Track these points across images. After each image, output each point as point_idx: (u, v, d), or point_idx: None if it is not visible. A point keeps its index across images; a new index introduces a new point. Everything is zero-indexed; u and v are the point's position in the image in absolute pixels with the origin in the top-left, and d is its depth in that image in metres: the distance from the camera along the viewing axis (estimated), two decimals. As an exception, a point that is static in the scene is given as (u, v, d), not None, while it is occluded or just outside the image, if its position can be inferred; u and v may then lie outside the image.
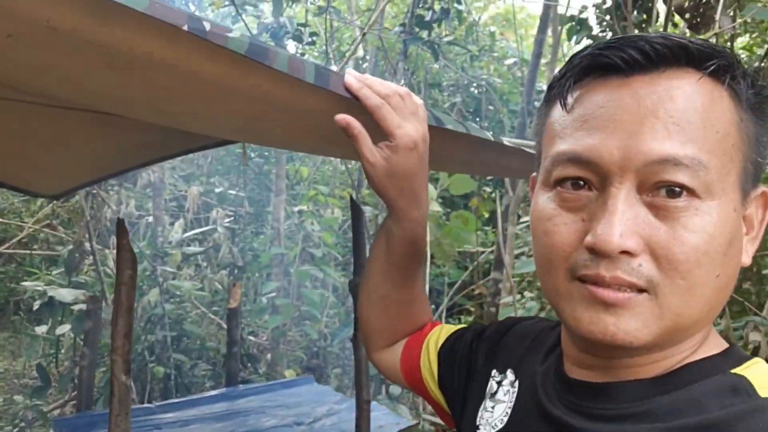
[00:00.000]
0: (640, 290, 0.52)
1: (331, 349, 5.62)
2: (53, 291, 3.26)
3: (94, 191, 4.27)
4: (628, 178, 0.52)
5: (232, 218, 5.22)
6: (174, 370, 4.27)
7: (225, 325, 5.14)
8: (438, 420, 4.06)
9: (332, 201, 5.52)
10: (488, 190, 5.58)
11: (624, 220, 0.51)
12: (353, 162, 5.56)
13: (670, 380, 0.55)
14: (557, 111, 0.58)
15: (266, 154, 5.24)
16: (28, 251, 5.39)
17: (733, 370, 0.54)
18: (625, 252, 0.51)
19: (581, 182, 0.55)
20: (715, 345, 0.58)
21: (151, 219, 4.85)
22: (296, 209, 5.05)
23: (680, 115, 0.51)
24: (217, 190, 4.93)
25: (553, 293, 0.57)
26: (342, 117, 0.75)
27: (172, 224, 5.50)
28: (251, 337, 5.45)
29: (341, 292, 6.05)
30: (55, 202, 5.37)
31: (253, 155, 5.27)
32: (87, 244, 3.91)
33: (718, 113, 0.52)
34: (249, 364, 5.17)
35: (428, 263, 4.54)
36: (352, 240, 1.91)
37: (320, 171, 6.57)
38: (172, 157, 2.62)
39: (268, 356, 5.10)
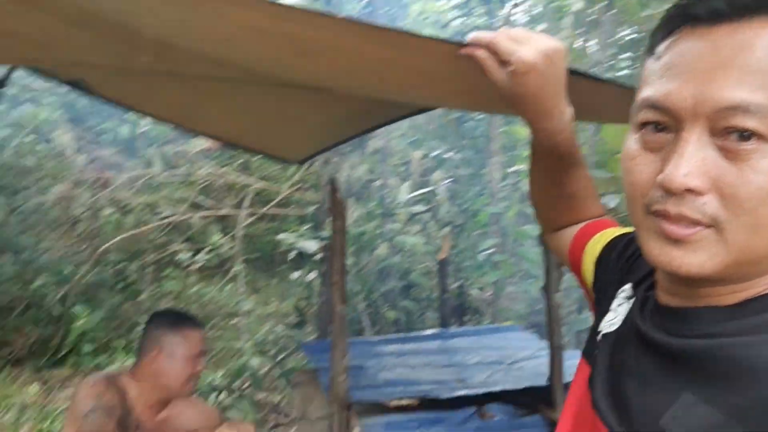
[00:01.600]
0: (707, 226, 0.55)
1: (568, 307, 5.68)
2: (300, 243, 3.88)
3: (335, 159, 4.89)
4: (699, 123, 0.55)
5: (452, 179, 5.53)
6: (404, 315, 4.76)
7: (443, 279, 5.54)
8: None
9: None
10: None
11: (691, 161, 0.55)
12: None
13: (745, 308, 0.59)
14: (650, 59, 0.62)
15: (479, 117, 5.41)
16: (285, 211, 6.34)
17: None
18: (690, 191, 0.55)
19: (661, 126, 0.59)
20: None
21: (379, 182, 5.36)
22: (511, 170, 5.16)
23: (755, 64, 0.53)
24: (432, 154, 5.26)
25: (634, 225, 0.63)
26: (464, 49, 0.84)
27: (399, 187, 6.01)
28: (474, 291, 5.77)
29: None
30: (303, 168, 6.23)
31: (466, 119, 5.48)
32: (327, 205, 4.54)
33: None
34: (474, 317, 5.52)
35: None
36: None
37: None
38: (389, 123, 2.94)
39: (491, 310, 5.37)
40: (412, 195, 5.48)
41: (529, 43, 0.81)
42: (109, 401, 1.73)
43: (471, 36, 0.85)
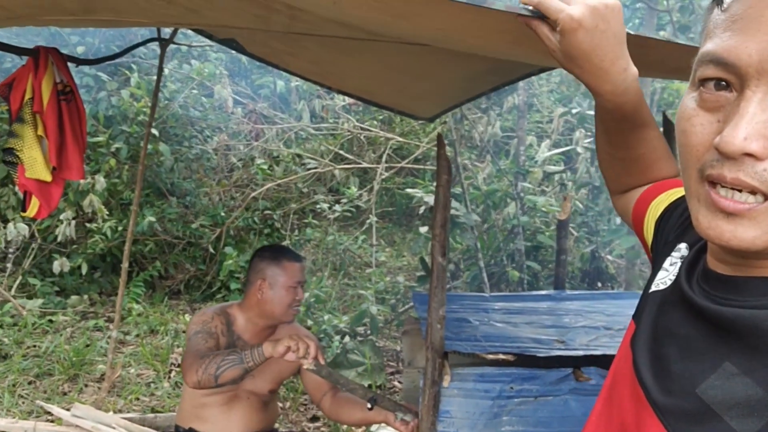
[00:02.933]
0: (764, 197, 0.52)
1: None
2: (429, 197, 3.97)
3: (467, 115, 4.88)
4: (764, 82, 0.51)
5: (592, 139, 5.26)
6: (529, 276, 4.71)
7: (584, 243, 5.35)
8: None
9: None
10: None
11: (753, 123, 0.51)
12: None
13: None
14: (715, 11, 0.58)
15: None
16: (422, 167, 6.44)
17: None
18: (750, 155, 0.51)
19: (723, 83, 0.54)
20: None
21: (516, 140, 5.26)
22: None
23: None
24: (574, 111, 5.02)
25: (687, 192, 0.60)
26: (521, 18, 0.84)
27: (539, 144, 5.85)
28: (609, 257, 5.52)
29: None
30: (442, 125, 6.26)
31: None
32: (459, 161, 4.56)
33: None
34: (608, 283, 5.30)
35: None
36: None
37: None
38: (515, 81, 2.90)
39: (623, 277, 5.12)
40: (550, 153, 5.32)
41: (577, 1, 0.78)
42: (211, 327, 2.00)
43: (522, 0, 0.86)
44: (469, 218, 4.10)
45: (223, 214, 6.03)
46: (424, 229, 4.79)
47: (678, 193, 0.88)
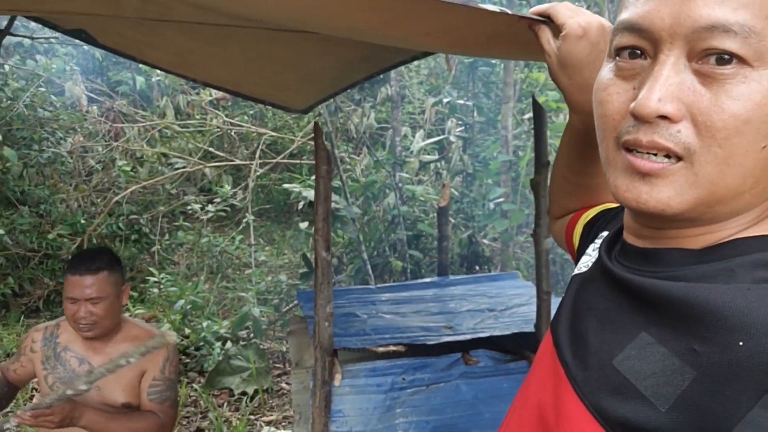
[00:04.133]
0: (678, 158, 0.52)
1: (566, 257, 5.64)
2: (307, 192, 3.87)
3: (342, 107, 4.82)
4: (677, 45, 0.52)
5: (463, 127, 5.42)
6: (412, 265, 4.75)
7: (461, 229, 5.51)
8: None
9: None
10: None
11: (667, 85, 0.51)
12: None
13: (712, 252, 0.56)
14: None
15: (494, 62, 5.26)
16: (298, 161, 6.31)
17: None
18: (665, 118, 0.52)
19: (638, 51, 0.55)
20: None
21: (391, 131, 5.29)
22: (525, 116, 5.03)
23: None
24: (445, 100, 5.14)
25: (604, 162, 0.60)
26: (526, 21, 0.86)
27: (413, 135, 5.93)
28: (485, 241, 5.73)
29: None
30: (316, 117, 6.16)
31: (480, 64, 5.33)
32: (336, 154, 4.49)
33: None
34: (485, 266, 5.49)
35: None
36: (534, 139, 1.96)
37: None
38: (388, 69, 2.87)
39: (498, 259, 5.33)
40: (424, 143, 5.40)
41: (583, 14, 0.81)
42: (22, 345, 1.96)
43: (533, 9, 0.86)
44: (350, 210, 4.05)
45: (83, 221, 5.54)
46: (304, 225, 4.68)
47: (611, 205, 0.90)
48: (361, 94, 4.87)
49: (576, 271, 0.75)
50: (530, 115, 5.21)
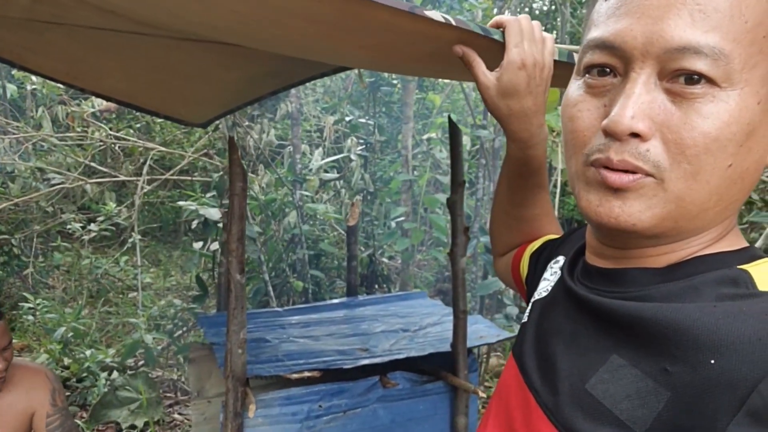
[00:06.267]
0: (647, 174, 0.53)
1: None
2: (203, 210, 3.67)
3: (242, 123, 4.65)
4: (648, 64, 0.53)
5: (364, 146, 5.43)
6: (313, 285, 4.65)
7: (361, 249, 5.48)
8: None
9: (462, 129, 5.52)
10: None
11: (639, 103, 0.52)
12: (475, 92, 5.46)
13: (676, 270, 0.57)
14: (599, 2, 0.59)
15: (394, 82, 5.33)
16: (189, 178, 6.02)
17: (740, 266, 0.55)
18: (636, 135, 0.52)
19: (607, 69, 0.56)
20: (732, 243, 0.58)
21: (291, 147, 5.19)
22: (425, 137, 5.12)
23: (708, 3, 0.51)
24: (347, 119, 5.12)
25: (572, 178, 0.60)
26: (459, 47, 0.86)
27: (312, 153, 5.85)
28: (384, 260, 5.74)
29: (469, 218, 6.12)
30: (209, 133, 5.92)
31: (382, 84, 5.38)
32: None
33: (751, 2, 0.51)
34: (384, 285, 5.49)
35: (558, 192, 4.45)
36: (450, 158, 1.97)
37: (451, 99, 6.54)
38: (297, 84, 2.80)
39: (398, 278, 5.36)
40: (324, 162, 5.35)
41: (534, 43, 0.82)
42: None
43: (492, 21, 0.87)
44: (251, 230, 3.90)
45: (-58, 241, 4.94)
46: (198, 245, 4.44)
47: (554, 236, 0.92)
48: (259, 110, 4.74)
49: (536, 297, 0.74)
50: (429, 135, 5.32)
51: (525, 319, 0.74)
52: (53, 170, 5.70)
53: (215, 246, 4.35)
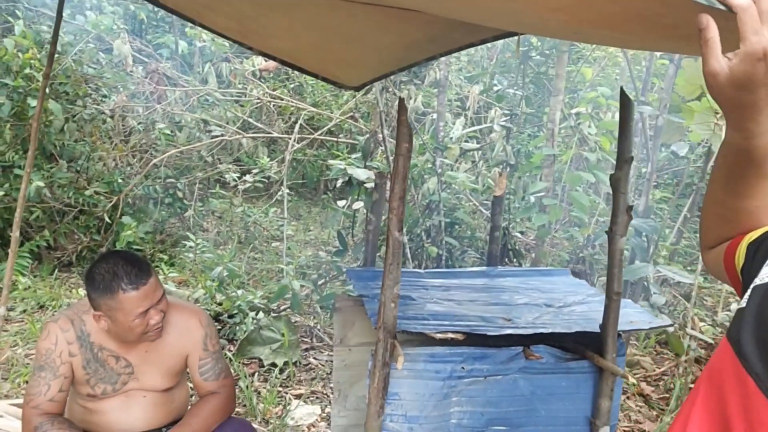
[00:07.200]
0: None
1: (598, 257, 5.58)
2: (351, 170, 3.83)
3: (390, 89, 4.76)
4: None
5: (509, 117, 5.34)
6: (446, 252, 4.72)
7: (495, 217, 5.46)
8: (703, 337, 3.84)
9: (614, 104, 5.25)
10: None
11: None
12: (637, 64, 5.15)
13: None
14: None
15: (547, 52, 5.16)
16: (335, 139, 6.28)
17: None
18: None
19: None
20: None
21: (435, 115, 5.22)
22: (573, 111, 4.94)
23: None
24: (495, 89, 5.05)
25: None
26: (705, 17, 0.76)
27: (453, 122, 5.86)
28: (518, 234, 5.67)
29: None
30: (356, 96, 6.11)
31: (534, 54, 5.23)
32: (380, 135, 4.45)
33: None
34: (515, 260, 5.44)
35: None
36: (618, 132, 1.90)
37: (604, 73, 6.23)
38: (454, 51, 2.81)
39: (533, 254, 5.28)
40: (466, 131, 5.33)
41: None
42: (56, 361, 1.80)
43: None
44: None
45: (120, 180, 5.56)
46: (342, 203, 4.65)
47: None
48: (408, 76, 4.81)
49: (757, 282, 0.72)
50: (577, 110, 5.12)
51: (743, 304, 0.72)
52: (216, 123, 6.17)
53: (357, 205, 4.54)
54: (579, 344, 2.01)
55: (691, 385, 4.02)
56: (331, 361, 4.56)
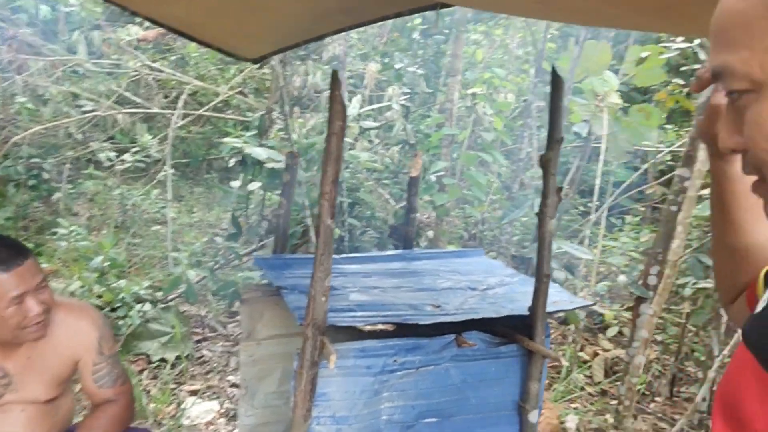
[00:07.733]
0: None
1: (489, 233, 5.70)
2: (249, 149, 3.57)
3: (292, 63, 4.50)
4: None
5: (408, 97, 5.27)
6: (347, 233, 4.59)
7: (392, 200, 5.39)
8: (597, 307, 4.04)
9: (506, 85, 5.35)
10: (681, 82, 5.02)
11: None
12: (535, 44, 5.27)
13: None
14: None
15: (446, 31, 5.13)
16: (224, 116, 5.89)
17: None
18: None
19: None
20: None
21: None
22: (470, 91, 4.96)
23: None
24: (397, 66, 4.95)
25: None
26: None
27: (350, 100, 5.69)
28: (417, 214, 5.64)
29: (505, 178, 5.99)
30: (244, 71, 5.77)
31: (431, 33, 5.18)
32: (275, 112, 4.20)
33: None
34: (415, 239, 5.42)
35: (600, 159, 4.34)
36: (549, 112, 1.85)
37: (496, 55, 6.33)
38: (366, 24, 2.65)
39: (430, 233, 5.28)
40: (364, 109, 5.20)
41: None
42: None
43: None
44: (301, 174, 3.81)
45: (-27, 160, 4.88)
46: (236, 184, 4.36)
47: None
48: (305, 50, 4.58)
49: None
50: (474, 90, 5.16)
51: (763, 304, 0.66)
52: (87, 96, 5.58)
53: (252, 186, 4.27)
54: (507, 328, 1.96)
55: (581, 353, 4.24)
56: (227, 353, 4.31)
